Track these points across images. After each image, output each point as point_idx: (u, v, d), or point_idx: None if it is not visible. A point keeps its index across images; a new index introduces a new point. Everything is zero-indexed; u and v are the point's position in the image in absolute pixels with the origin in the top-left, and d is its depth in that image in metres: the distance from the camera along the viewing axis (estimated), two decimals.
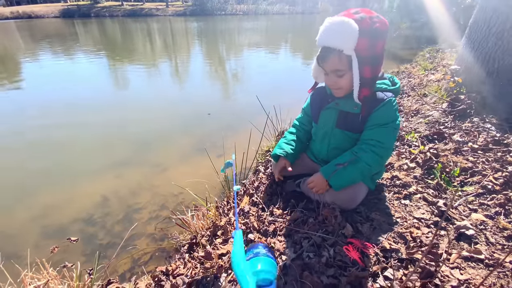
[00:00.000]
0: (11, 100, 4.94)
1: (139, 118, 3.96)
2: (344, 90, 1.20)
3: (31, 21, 32.72)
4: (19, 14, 38.42)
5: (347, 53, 1.04)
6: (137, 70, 7.08)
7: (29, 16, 37.84)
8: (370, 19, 1.02)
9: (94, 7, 40.41)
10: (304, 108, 1.54)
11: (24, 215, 2.09)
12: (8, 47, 12.60)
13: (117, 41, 14.14)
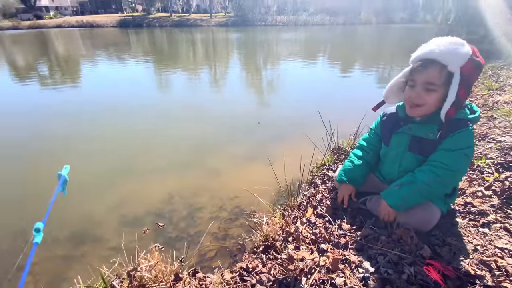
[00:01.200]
0: (69, 98, 5.67)
1: (192, 123, 4.27)
2: (423, 109, 1.20)
3: (93, 30, 36.91)
4: (83, 23, 43.55)
5: (451, 70, 1.08)
6: (184, 77, 7.64)
7: (91, 25, 42.69)
8: (477, 50, 1.10)
9: (146, 18, 44.35)
10: (373, 129, 1.57)
11: (106, 204, 2.39)
12: (71, 52, 14.38)
13: (164, 49, 15.35)
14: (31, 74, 8.69)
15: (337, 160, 2.26)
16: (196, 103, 5.36)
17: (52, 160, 3.19)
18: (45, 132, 4.06)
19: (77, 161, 3.15)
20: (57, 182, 0.98)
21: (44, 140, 3.80)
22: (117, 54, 12.90)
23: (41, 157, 3.30)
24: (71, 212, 2.30)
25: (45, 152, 3.44)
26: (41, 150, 3.50)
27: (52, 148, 3.57)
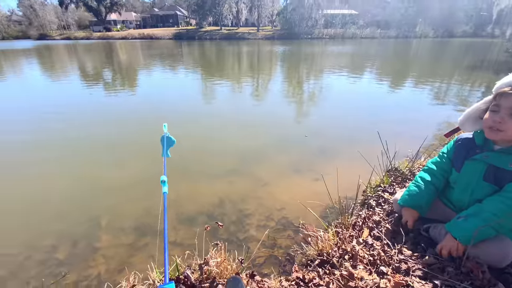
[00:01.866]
0: (125, 102, 6.33)
1: (239, 133, 4.48)
2: (504, 135, 1.14)
3: (152, 41, 41.02)
4: (144, 35, 48.65)
5: None
6: (229, 87, 8.03)
7: (150, 37, 47.48)
8: None
9: (199, 31, 47.85)
10: (445, 153, 1.50)
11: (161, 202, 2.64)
12: (131, 61, 16.13)
13: (212, 60, 16.35)
14: (98, 79, 10.00)
15: (393, 182, 2.18)
16: (241, 113, 5.60)
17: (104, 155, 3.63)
18: (98, 133, 4.63)
19: (136, 159, 3.53)
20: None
21: (98, 141, 4.33)
22: (170, 63, 14.15)
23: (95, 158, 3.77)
24: (135, 205, 2.58)
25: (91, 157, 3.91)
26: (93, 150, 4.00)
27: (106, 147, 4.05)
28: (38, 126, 4.80)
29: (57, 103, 6.45)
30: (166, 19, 61.83)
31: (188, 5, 54.88)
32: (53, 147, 3.94)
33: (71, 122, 5.01)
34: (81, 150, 3.85)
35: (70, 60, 16.95)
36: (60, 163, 3.48)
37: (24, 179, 3.10)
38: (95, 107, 6.17)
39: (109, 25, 59.23)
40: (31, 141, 4.14)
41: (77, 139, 4.21)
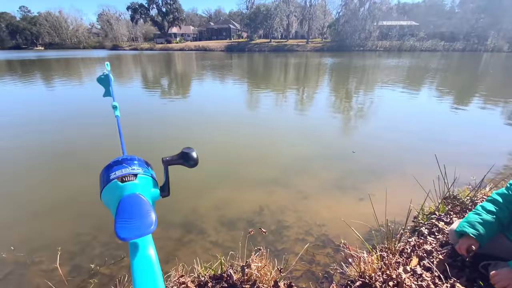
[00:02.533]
0: (179, 107, 6.84)
1: (283, 142, 4.53)
2: None
3: (206, 53, 44.11)
4: (199, 47, 52.59)
5: None
6: (273, 97, 8.16)
7: (205, 49, 51.11)
8: None
9: (249, 43, 49.96)
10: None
11: (208, 203, 2.81)
12: (186, 70, 17.50)
13: (259, 71, 16.83)
14: (156, 86, 11.10)
15: (450, 211, 1.99)
16: (284, 123, 5.65)
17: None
18: (154, 134, 5.09)
19: None
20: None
21: (154, 140, 4.77)
22: (220, 73, 15.00)
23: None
24: (182, 204, 2.80)
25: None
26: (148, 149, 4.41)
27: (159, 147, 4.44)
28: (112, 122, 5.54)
29: (122, 105, 7.37)
30: (220, 32, 66.03)
31: (241, 19, 57.97)
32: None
33: (137, 122, 5.68)
34: (143, 147, 4.33)
35: (135, 68, 19.20)
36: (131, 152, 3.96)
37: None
38: (152, 109, 6.88)
39: (170, 37, 65.62)
40: (106, 134, 4.79)
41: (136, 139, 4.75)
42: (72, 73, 16.26)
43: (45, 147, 4.37)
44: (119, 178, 0.51)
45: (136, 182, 0.51)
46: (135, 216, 0.44)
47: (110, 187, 0.51)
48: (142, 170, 0.54)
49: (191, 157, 0.59)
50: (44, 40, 73.87)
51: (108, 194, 0.51)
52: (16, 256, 2.03)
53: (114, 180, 0.51)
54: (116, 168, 0.53)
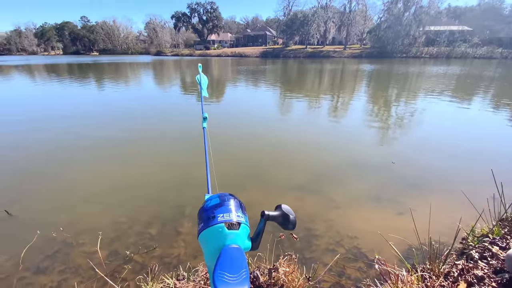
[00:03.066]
0: (212, 108, 7.01)
1: (314, 147, 4.42)
2: None
3: (241, 59, 45.20)
4: (235, 53, 54.10)
5: None
6: (306, 103, 8.01)
7: (240, 55, 52.43)
8: None
9: (284, 49, 50.13)
10: None
11: None
12: (222, 75, 18.02)
13: (292, 77, 16.71)
14: (192, 89, 11.59)
15: (507, 235, 1.74)
16: (316, 129, 5.51)
17: None
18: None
19: (219, 161, 3.91)
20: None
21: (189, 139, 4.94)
22: (253, 78, 15.21)
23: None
24: None
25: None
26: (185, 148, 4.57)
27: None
28: (148, 122, 5.93)
29: (160, 105, 7.84)
30: (256, 38, 67.32)
31: (278, 26, 58.43)
32: (158, 138, 4.79)
33: (171, 121, 6.00)
34: (178, 144, 4.55)
35: (175, 73, 20.35)
36: (165, 153, 4.19)
37: (139, 166, 3.86)
38: (188, 111, 7.20)
39: (209, 44, 68.56)
40: (145, 130, 5.13)
41: (172, 137, 4.99)
42: (120, 76, 17.79)
43: (97, 141, 4.81)
44: (226, 223, 0.50)
45: (239, 232, 0.50)
46: (233, 273, 0.44)
47: (215, 230, 0.49)
48: (244, 219, 0.54)
49: (291, 221, 0.59)
50: (99, 46, 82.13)
51: (211, 236, 0.49)
52: (64, 236, 2.24)
53: (222, 223, 0.50)
54: (223, 210, 0.52)
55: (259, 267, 1.42)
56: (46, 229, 2.28)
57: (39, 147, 4.48)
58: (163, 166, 3.82)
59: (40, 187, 3.21)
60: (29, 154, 4.19)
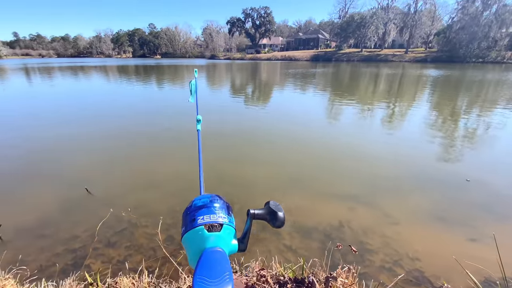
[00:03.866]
0: (259, 110, 7.03)
1: (366, 156, 4.13)
2: None
3: (290, 62, 45.05)
4: (285, 57, 54.16)
5: None
6: (358, 110, 7.51)
7: (290, 59, 52.29)
8: None
9: (337, 53, 48.38)
10: None
11: (284, 205, 2.82)
12: (270, 78, 18.12)
13: (344, 82, 15.92)
14: (241, 92, 11.93)
15: None
16: (369, 137, 5.13)
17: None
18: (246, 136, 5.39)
19: (259, 163, 3.93)
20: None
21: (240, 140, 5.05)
22: (301, 82, 14.95)
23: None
24: (257, 199, 2.89)
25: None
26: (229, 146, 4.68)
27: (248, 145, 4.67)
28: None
29: (211, 106, 8.26)
30: (307, 42, 66.39)
31: (331, 29, 56.64)
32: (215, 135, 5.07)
33: (221, 124, 6.28)
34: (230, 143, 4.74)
35: (226, 75, 21.27)
36: (217, 151, 4.42)
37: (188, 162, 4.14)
38: (236, 112, 7.44)
39: (260, 48, 70.03)
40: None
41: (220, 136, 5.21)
42: (177, 77, 19.34)
43: (164, 134, 5.30)
44: (206, 225, 0.48)
45: (220, 233, 0.49)
46: (214, 277, 0.42)
47: (195, 233, 0.48)
48: (228, 220, 0.51)
49: (278, 218, 0.56)
50: (161, 50, 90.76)
51: (192, 239, 0.49)
52: (131, 217, 2.51)
53: (201, 226, 0.48)
54: (204, 212, 0.51)
55: (314, 273, 1.38)
56: (117, 208, 2.59)
57: (118, 136, 5.13)
58: (215, 161, 4.01)
59: (116, 171, 3.66)
60: (110, 141, 4.83)
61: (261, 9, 69.46)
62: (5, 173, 3.57)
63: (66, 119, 6.59)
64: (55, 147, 4.60)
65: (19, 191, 3.12)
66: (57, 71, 24.47)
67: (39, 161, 4.02)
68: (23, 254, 2.08)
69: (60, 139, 5.00)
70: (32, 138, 5.10)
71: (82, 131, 5.51)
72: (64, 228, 2.44)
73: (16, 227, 2.43)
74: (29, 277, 1.76)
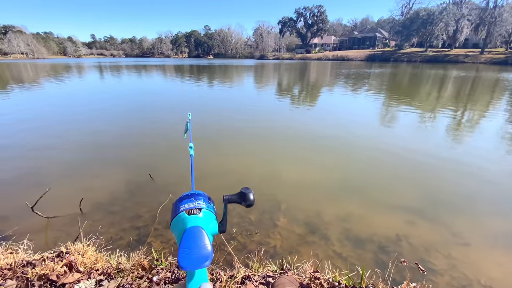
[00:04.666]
0: (304, 112, 6.79)
1: (429, 166, 3.71)
2: None
3: (342, 62, 43.08)
4: (337, 56, 52.01)
5: None
6: (416, 116, 6.75)
7: (343, 59, 50.02)
8: None
9: (396, 53, 44.54)
10: None
11: (336, 212, 2.70)
12: (319, 79, 17.49)
13: (402, 84, 14.50)
14: (288, 92, 11.77)
15: None
16: (433, 146, 4.57)
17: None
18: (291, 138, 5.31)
19: (315, 167, 3.83)
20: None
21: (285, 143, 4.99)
22: (353, 84, 14.10)
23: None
24: (306, 204, 2.83)
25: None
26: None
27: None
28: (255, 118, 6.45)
29: (255, 106, 8.36)
30: (363, 41, 62.60)
31: (392, 26, 52.32)
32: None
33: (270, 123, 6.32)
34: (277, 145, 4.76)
35: (273, 75, 21.31)
36: (258, 145, 4.48)
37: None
38: (281, 112, 7.39)
39: (310, 47, 68.52)
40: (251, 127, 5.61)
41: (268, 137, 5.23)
42: (226, 77, 20.10)
43: (217, 130, 5.60)
44: (187, 210, 0.55)
45: (200, 215, 0.55)
46: (195, 247, 0.48)
47: (178, 218, 0.55)
48: (206, 206, 0.58)
49: (248, 198, 0.65)
50: (214, 51, 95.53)
51: (176, 224, 0.55)
52: None
53: (182, 212, 0.55)
54: (186, 202, 0.58)
55: (375, 285, 1.29)
56: (175, 195, 2.81)
57: (174, 127, 5.60)
58: (264, 156, 4.06)
59: (175, 162, 3.99)
60: (169, 131, 5.29)
61: (314, 8, 67.84)
62: (88, 157, 4.17)
63: (137, 112, 7.41)
64: (124, 137, 5.21)
65: (98, 172, 3.62)
66: (125, 69, 27.65)
67: (112, 148, 4.60)
68: (98, 226, 2.40)
69: (128, 131, 5.64)
70: (117, 125, 5.87)
71: (151, 125, 6.13)
72: (130, 207, 2.74)
73: (93, 202, 2.82)
74: (105, 246, 2.02)
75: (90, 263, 1.63)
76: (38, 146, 4.61)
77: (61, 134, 5.24)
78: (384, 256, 2.08)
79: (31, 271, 1.53)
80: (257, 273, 1.37)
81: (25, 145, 4.61)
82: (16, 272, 1.53)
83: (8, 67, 30.41)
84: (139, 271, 1.53)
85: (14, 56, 78.09)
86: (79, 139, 4.97)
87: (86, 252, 1.76)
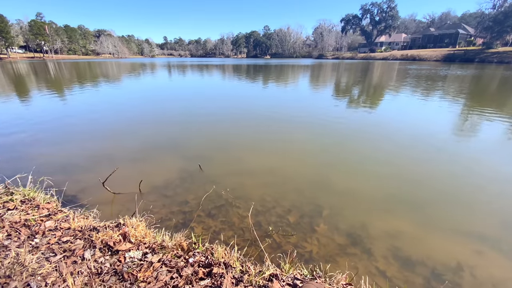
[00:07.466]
0: (363, 116, 6.19)
1: (507, 189, 3.06)
2: None
3: (412, 62, 38.61)
4: (407, 56, 46.99)
5: None
6: (503, 126, 5.53)
7: (413, 59, 44.89)
8: None
9: (483, 52, 37.84)
10: None
11: (384, 226, 2.46)
12: (382, 80, 15.91)
13: (488, 89, 12.16)
14: (345, 93, 11.04)
15: None
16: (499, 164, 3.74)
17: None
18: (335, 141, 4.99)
19: (369, 179, 3.54)
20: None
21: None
22: (424, 87, 12.42)
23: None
24: (351, 212, 2.64)
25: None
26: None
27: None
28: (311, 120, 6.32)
29: (302, 107, 8.10)
30: (440, 39, 55.01)
31: (479, 22, 44.66)
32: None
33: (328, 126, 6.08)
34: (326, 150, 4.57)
35: (330, 76, 20.37)
36: (311, 151, 4.36)
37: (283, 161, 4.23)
38: (336, 115, 7.00)
39: (375, 46, 63.46)
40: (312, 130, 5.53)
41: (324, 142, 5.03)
42: (280, 77, 20.04)
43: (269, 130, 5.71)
44: None
45: None
46: None
47: None
48: None
49: None
50: (271, 51, 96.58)
51: None
52: (228, 196, 2.82)
53: None
54: None
55: None
56: (219, 186, 2.97)
57: (232, 128, 5.90)
58: (309, 159, 3.94)
59: (224, 155, 4.20)
60: (224, 131, 5.60)
61: (383, 3, 62.53)
62: (151, 146, 4.70)
63: (197, 108, 8.04)
64: (183, 130, 5.70)
65: (158, 159, 4.04)
66: (190, 68, 30.07)
67: (170, 138, 5.08)
68: (151, 206, 2.69)
69: (187, 125, 6.14)
70: (176, 121, 6.51)
71: (208, 119, 6.58)
72: (179, 193, 2.99)
73: (151, 185, 3.17)
74: (154, 224, 2.26)
75: (140, 237, 1.84)
76: (115, 132, 5.40)
77: (132, 124, 6.03)
78: (437, 284, 1.82)
79: (96, 235, 1.81)
80: (286, 274, 1.35)
81: (105, 130, 5.45)
82: (85, 234, 1.83)
83: (99, 65, 36.25)
84: (178, 251, 1.66)
85: (104, 56, 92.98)
86: (146, 130, 5.63)
87: (138, 226, 1.99)
